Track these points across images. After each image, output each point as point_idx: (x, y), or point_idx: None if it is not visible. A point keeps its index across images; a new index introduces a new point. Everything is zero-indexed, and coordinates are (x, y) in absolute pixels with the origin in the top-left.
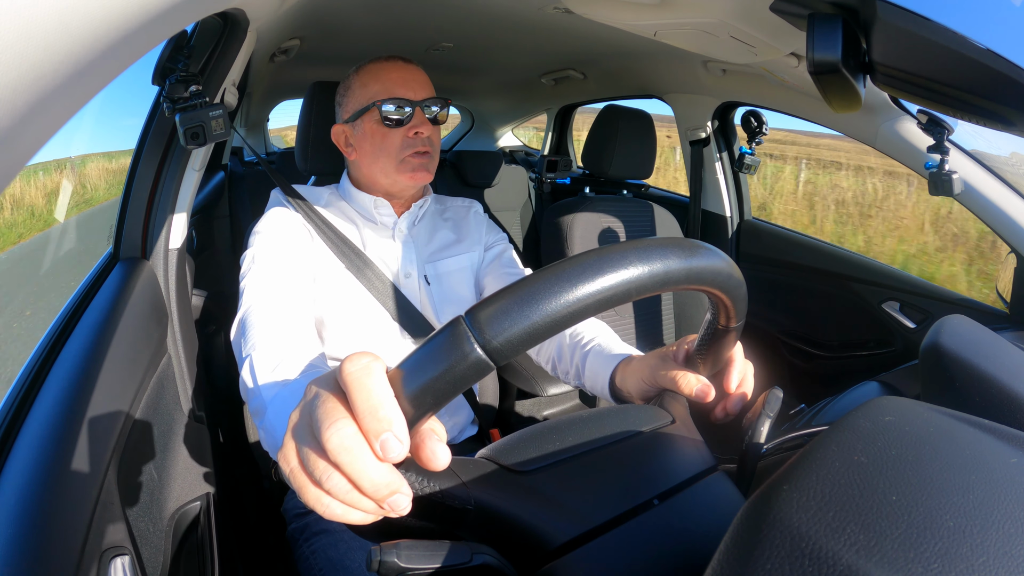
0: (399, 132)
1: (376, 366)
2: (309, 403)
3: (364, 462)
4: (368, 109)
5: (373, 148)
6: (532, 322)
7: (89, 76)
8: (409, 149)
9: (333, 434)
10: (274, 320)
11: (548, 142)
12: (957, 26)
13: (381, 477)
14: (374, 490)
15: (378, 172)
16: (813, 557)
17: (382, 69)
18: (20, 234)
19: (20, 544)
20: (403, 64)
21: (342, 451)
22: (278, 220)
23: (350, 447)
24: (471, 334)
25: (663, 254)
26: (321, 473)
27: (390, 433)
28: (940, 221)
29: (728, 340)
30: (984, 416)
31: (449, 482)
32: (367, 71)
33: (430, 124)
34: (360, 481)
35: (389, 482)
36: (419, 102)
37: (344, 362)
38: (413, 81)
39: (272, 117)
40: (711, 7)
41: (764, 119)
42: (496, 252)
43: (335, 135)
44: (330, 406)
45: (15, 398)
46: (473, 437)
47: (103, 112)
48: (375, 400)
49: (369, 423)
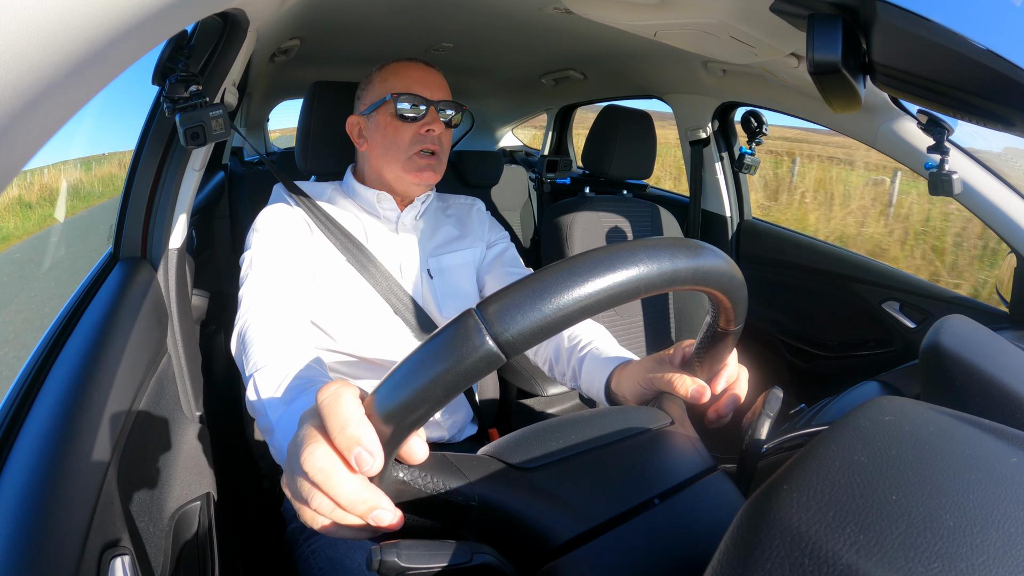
0: (411, 128)
1: (345, 390)
2: (296, 435)
3: (337, 481)
4: (384, 101)
5: (384, 141)
6: (543, 316)
7: (89, 76)
8: (418, 146)
9: (307, 458)
10: (274, 334)
11: (548, 142)
12: (957, 26)
13: (356, 494)
14: (351, 506)
15: (385, 166)
16: (813, 556)
17: (404, 67)
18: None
19: (20, 544)
20: (425, 66)
21: (317, 472)
22: (278, 216)
23: (322, 467)
24: (483, 327)
25: (672, 253)
26: (306, 495)
27: (360, 448)
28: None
29: (726, 343)
30: (984, 416)
31: (453, 478)
32: (389, 68)
33: (442, 125)
34: (337, 499)
35: (365, 499)
36: (435, 102)
37: (318, 392)
38: (432, 83)
39: (272, 118)
40: (711, 7)
41: (764, 119)
42: (498, 250)
43: (350, 126)
44: (307, 433)
45: (15, 398)
46: (472, 437)
47: (103, 112)
48: (342, 419)
49: (340, 441)
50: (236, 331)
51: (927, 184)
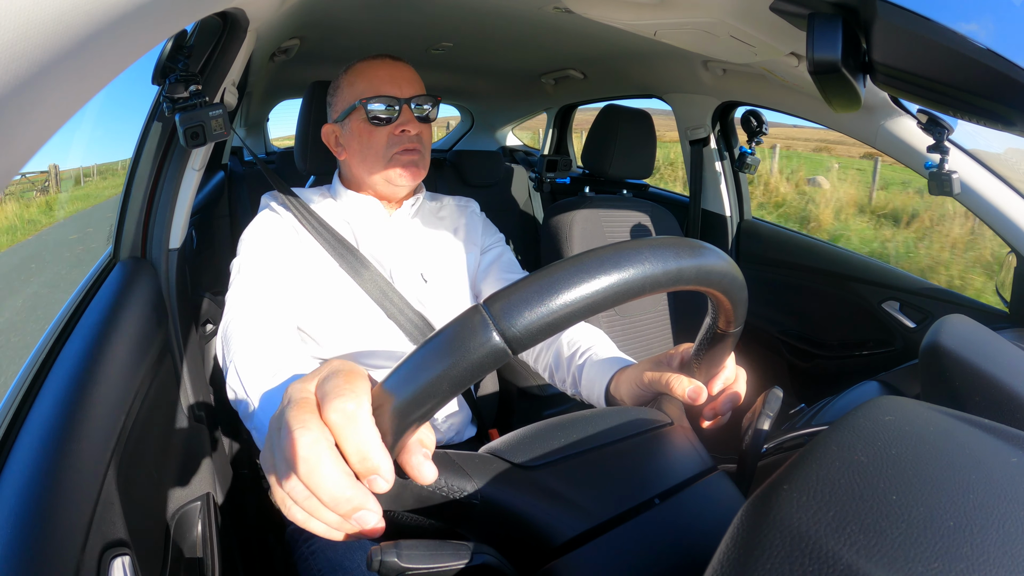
0: (385, 130)
1: (359, 399)
2: (284, 407)
3: (322, 474)
4: (355, 108)
5: (361, 147)
6: (550, 311)
7: (89, 75)
8: (396, 147)
9: (292, 444)
10: (255, 329)
11: (548, 142)
12: (957, 26)
13: (341, 491)
14: (334, 504)
15: (366, 172)
16: (813, 556)
17: (369, 67)
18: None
19: (20, 544)
20: (391, 62)
21: (301, 462)
22: (265, 225)
23: (306, 457)
24: (491, 322)
25: (677, 252)
26: (281, 476)
27: (377, 476)
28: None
29: (725, 345)
30: (984, 416)
31: (456, 476)
32: (354, 70)
33: (418, 122)
34: (318, 493)
35: (350, 497)
36: (406, 99)
37: (328, 393)
38: (401, 79)
39: (274, 127)
40: (711, 7)
41: (764, 119)
42: (494, 255)
43: (325, 135)
44: (296, 412)
45: (15, 398)
46: (472, 438)
47: (102, 113)
48: (363, 448)
49: (358, 467)
50: (220, 331)
51: (927, 184)
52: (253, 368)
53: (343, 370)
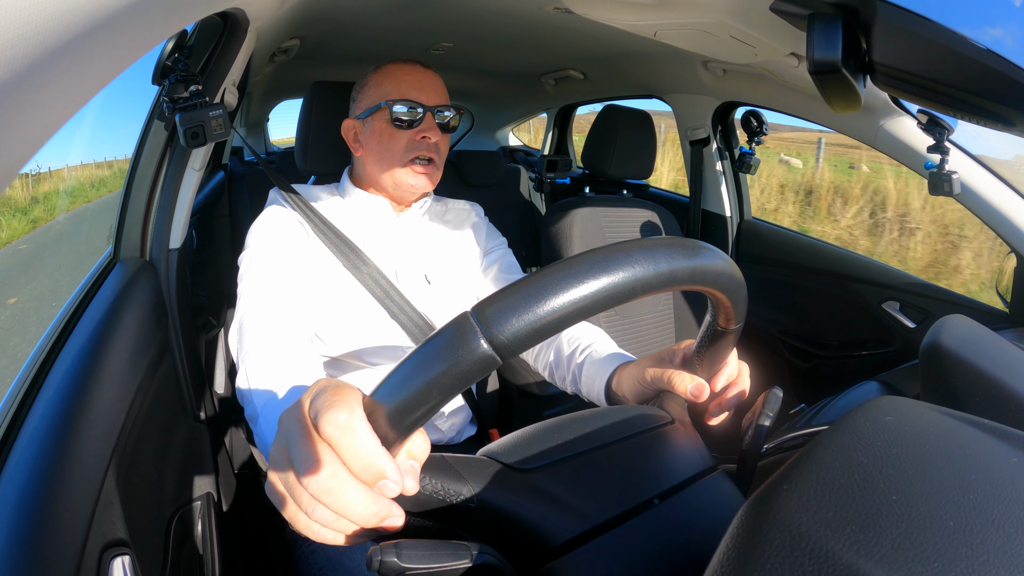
0: (407, 134)
1: (352, 411)
2: (287, 439)
3: (347, 500)
4: (380, 107)
5: (379, 147)
6: (539, 318)
7: (89, 75)
8: (414, 152)
9: (311, 482)
10: (270, 327)
11: (548, 142)
12: (957, 26)
13: (368, 509)
14: (363, 522)
15: (380, 172)
16: (813, 556)
17: (399, 70)
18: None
19: (20, 544)
20: (421, 68)
21: (322, 494)
22: (275, 220)
23: (329, 488)
24: (479, 329)
25: (668, 253)
26: (306, 506)
27: (387, 480)
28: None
29: (727, 342)
30: (984, 416)
31: (452, 479)
32: (385, 71)
33: (439, 130)
34: (348, 515)
35: (377, 511)
36: (431, 107)
37: (320, 410)
38: (428, 86)
39: (274, 128)
40: (711, 7)
41: (764, 119)
42: (496, 257)
43: (345, 130)
44: (301, 447)
45: (15, 398)
46: (472, 437)
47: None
48: (364, 458)
49: (364, 476)
50: (234, 324)
51: (927, 184)
52: (263, 370)
53: (331, 386)
